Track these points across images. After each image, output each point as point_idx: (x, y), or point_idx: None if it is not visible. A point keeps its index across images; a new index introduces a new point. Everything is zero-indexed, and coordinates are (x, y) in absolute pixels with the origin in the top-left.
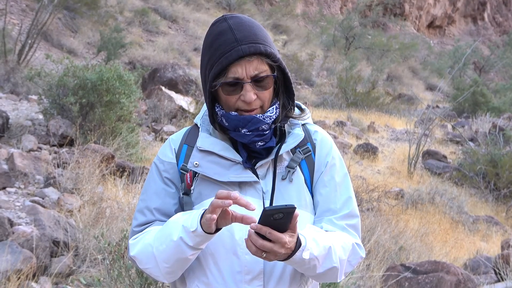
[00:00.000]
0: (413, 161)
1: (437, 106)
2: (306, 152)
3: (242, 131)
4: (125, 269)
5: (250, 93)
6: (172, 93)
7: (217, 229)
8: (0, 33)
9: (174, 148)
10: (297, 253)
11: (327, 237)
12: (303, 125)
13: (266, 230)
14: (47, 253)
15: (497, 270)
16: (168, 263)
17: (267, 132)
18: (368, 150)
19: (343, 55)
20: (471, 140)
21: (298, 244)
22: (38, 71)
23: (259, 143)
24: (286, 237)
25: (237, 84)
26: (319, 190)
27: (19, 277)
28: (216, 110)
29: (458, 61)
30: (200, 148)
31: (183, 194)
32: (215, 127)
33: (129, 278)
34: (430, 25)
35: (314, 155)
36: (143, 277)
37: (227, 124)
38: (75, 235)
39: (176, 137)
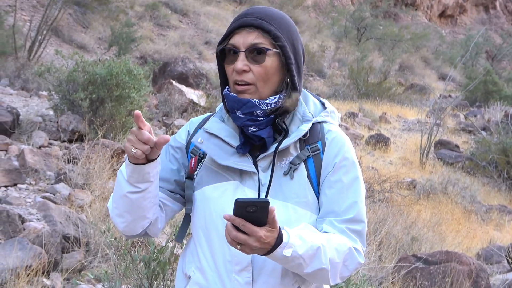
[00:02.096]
0: (425, 151)
1: (449, 96)
2: (314, 150)
3: (237, 113)
4: (132, 263)
5: (240, 62)
6: (183, 87)
7: (151, 160)
8: (10, 30)
9: (189, 131)
10: (278, 249)
11: (318, 237)
12: (320, 122)
13: (239, 222)
14: (58, 249)
15: (510, 260)
16: (115, 203)
17: (261, 119)
18: (380, 141)
19: (354, 46)
20: (484, 129)
21: (279, 240)
22: (47, 67)
23: (252, 128)
24: (261, 231)
25: (234, 53)
26: (324, 190)
27: (29, 273)
28: (224, 91)
29: (470, 50)
30: (206, 130)
31: (186, 178)
32: (225, 106)
33: (137, 272)
34: (442, 15)
35: (323, 154)
36: (149, 269)
37: (227, 105)
38: (86, 231)
39: (196, 120)
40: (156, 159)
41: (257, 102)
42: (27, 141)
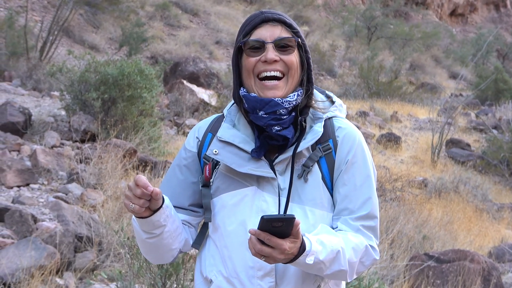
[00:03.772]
0: (437, 150)
1: (461, 94)
2: (326, 149)
3: (260, 113)
4: (146, 263)
5: (271, 52)
6: (194, 87)
7: (155, 211)
8: (21, 30)
9: (197, 137)
10: (300, 258)
11: (337, 240)
12: (330, 118)
13: (264, 236)
14: (71, 249)
15: None
16: (139, 244)
17: (284, 117)
18: (391, 140)
19: (365, 45)
20: (495, 127)
21: (302, 248)
22: (59, 67)
23: (276, 127)
24: (286, 244)
25: (260, 44)
26: (338, 188)
27: (43, 273)
28: (240, 92)
29: (481, 49)
30: (220, 139)
31: (202, 186)
32: (241, 109)
33: (150, 271)
34: (453, 13)
35: (335, 153)
36: (163, 269)
37: (246, 106)
38: (99, 230)
39: (203, 124)
40: (161, 207)
41: (280, 100)
42: (39, 141)
